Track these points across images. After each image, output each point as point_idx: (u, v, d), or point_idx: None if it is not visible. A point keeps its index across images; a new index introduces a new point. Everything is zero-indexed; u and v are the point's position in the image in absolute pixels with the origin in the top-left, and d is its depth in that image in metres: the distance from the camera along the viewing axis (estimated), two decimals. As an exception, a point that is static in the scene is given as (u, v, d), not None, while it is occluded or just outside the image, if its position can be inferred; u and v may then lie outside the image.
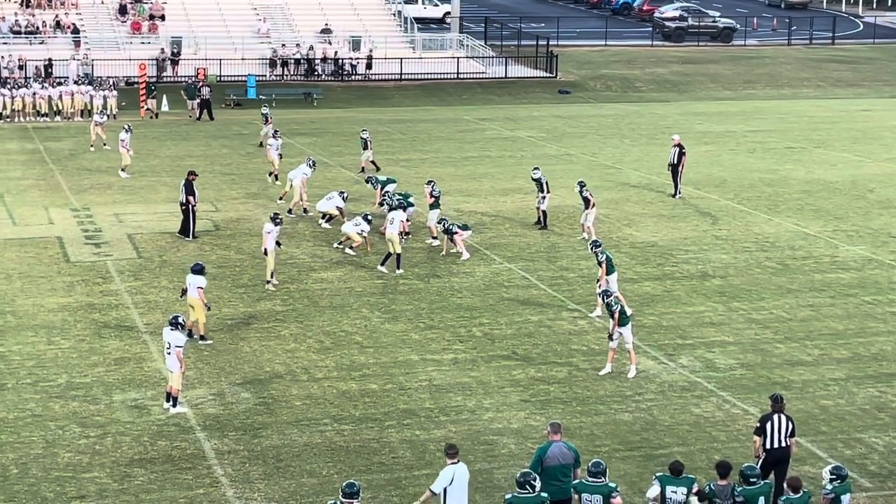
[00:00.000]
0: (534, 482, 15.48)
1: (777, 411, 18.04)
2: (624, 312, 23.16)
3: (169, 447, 20.13)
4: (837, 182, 42.35)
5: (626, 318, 23.25)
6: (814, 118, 58.73)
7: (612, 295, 23.61)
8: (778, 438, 17.85)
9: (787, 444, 17.92)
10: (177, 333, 21.53)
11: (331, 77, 67.67)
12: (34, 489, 18.63)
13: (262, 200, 38.04)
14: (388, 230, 30.53)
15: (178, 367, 21.48)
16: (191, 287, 25.01)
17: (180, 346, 21.44)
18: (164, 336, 21.68)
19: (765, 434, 17.88)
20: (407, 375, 23.48)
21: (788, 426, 17.96)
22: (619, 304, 23.18)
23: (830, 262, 31.84)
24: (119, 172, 41.83)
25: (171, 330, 21.53)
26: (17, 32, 65.85)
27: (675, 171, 39.14)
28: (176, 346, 21.41)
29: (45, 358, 24.19)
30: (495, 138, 51.19)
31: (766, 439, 17.87)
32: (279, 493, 18.63)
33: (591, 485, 15.87)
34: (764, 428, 17.91)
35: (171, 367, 21.60)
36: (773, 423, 17.91)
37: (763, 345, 25.48)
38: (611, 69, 73.84)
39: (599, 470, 15.92)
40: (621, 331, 23.20)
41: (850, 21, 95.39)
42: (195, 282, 24.97)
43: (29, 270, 30.26)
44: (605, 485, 15.91)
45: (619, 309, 23.07)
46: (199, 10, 69.85)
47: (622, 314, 23.09)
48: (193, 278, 25.00)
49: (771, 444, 17.85)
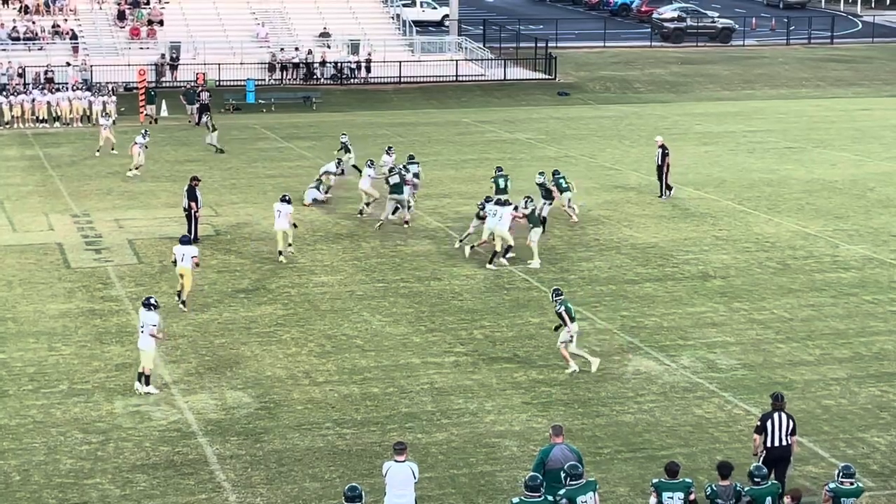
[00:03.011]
0: (542, 487, 15.44)
1: (778, 409, 18.03)
2: (570, 311, 23.29)
3: (171, 452, 20.12)
4: (837, 181, 42.35)
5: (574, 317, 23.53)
6: (813, 118, 58.74)
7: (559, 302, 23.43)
8: (778, 437, 17.84)
9: (787, 442, 17.90)
10: (152, 314, 22.59)
11: (330, 81, 67.71)
12: (36, 496, 18.62)
13: (262, 205, 38.03)
14: (498, 226, 30.43)
15: (152, 347, 22.49)
16: (185, 258, 26.84)
17: (155, 325, 22.51)
18: (140, 317, 22.76)
19: (765, 432, 17.88)
20: (408, 378, 23.47)
21: (789, 424, 17.95)
22: (565, 304, 23.27)
23: (831, 262, 31.83)
24: (127, 172, 41.93)
25: (147, 311, 22.62)
26: (15, 39, 65.89)
27: (660, 173, 39.30)
28: (151, 325, 22.46)
29: (46, 364, 24.18)
30: (494, 141, 51.20)
31: (766, 438, 17.87)
32: (281, 497, 18.61)
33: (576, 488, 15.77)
34: (764, 426, 17.90)
35: (144, 347, 22.51)
36: (774, 422, 17.90)
37: (764, 345, 25.47)
38: (609, 70, 73.87)
39: (578, 472, 15.86)
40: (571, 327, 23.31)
41: (848, 20, 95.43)
42: (188, 252, 26.88)
43: (29, 277, 30.26)
44: (588, 482, 15.90)
45: (565, 308, 23.17)
46: (198, 15, 69.88)
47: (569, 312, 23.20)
48: (186, 248, 26.96)
49: (771, 442, 17.84)
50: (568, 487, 15.81)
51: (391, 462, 16.60)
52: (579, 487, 15.78)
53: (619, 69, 74.25)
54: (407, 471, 16.51)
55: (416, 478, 16.59)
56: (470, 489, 18.88)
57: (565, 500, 15.64)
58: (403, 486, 16.49)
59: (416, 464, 16.89)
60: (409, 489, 16.53)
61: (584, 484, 15.84)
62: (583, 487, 15.80)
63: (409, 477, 16.51)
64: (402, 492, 16.48)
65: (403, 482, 16.49)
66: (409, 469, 16.53)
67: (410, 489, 16.55)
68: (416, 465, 16.82)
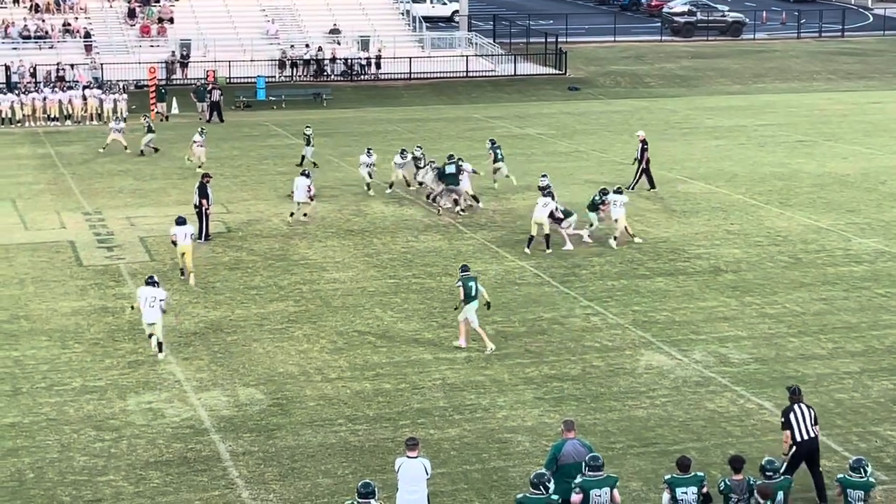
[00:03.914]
0: (548, 483, 15.42)
1: (797, 402, 17.96)
2: (469, 292, 24.10)
3: (184, 449, 20.16)
4: (849, 175, 42.24)
5: (472, 298, 24.20)
6: (824, 111, 58.57)
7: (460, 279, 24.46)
8: (805, 429, 17.71)
9: (815, 433, 17.80)
10: (158, 289, 24.50)
11: (340, 77, 67.74)
12: (50, 493, 18.68)
13: (273, 202, 38.07)
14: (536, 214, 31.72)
15: (160, 318, 24.31)
16: (185, 237, 28.89)
17: (164, 299, 24.46)
18: (147, 293, 24.31)
19: (791, 427, 17.78)
20: (420, 374, 23.49)
21: (811, 414, 17.87)
22: (464, 282, 24.14)
23: (843, 255, 31.76)
24: (197, 170, 41.49)
25: (154, 287, 24.44)
26: (26, 37, 66.02)
27: (638, 167, 39.32)
28: (160, 299, 24.34)
29: (59, 362, 24.25)
30: (505, 136, 51.13)
31: (793, 432, 17.76)
32: (294, 493, 18.64)
33: (593, 480, 15.77)
34: (789, 421, 17.76)
35: (153, 319, 24.27)
36: (797, 414, 17.79)
37: (777, 339, 25.43)
38: (620, 65, 73.78)
39: (598, 464, 15.89)
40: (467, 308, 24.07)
41: (859, 13, 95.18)
42: (187, 231, 28.97)
43: (42, 275, 30.33)
44: (609, 476, 15.92)
45: (462, 285, 24.12)
46: (208, 12, 69.96)
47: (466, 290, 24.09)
48: (185, 228, 28.90)
49: (800, 435, 17.70)
50: (585, 478, 15.79)
51: (403, 458, 16.61)
52: (597, 480, 15.76)
53: (629, 64, 74.16)
54: (419, 467, 16.52)
55: (428, 474, 16.60)
56: (482, 485, 18.89)
57: (579, 489, 15.62)
58: (416, 482, 16.50)
59: (429, 460, 16.91)
60: (422, 485, 16.55)
61: (604, 478, 15.83)
62: (601, 481, 15.77)
63: (421, 473, 16.52)
64: (414, 488, 16.49)
65: (416, 478, 16.50)
66: (422, 465, 16.55)
67: (423, 485, 16.56)
68: (429, 460, 16.84)
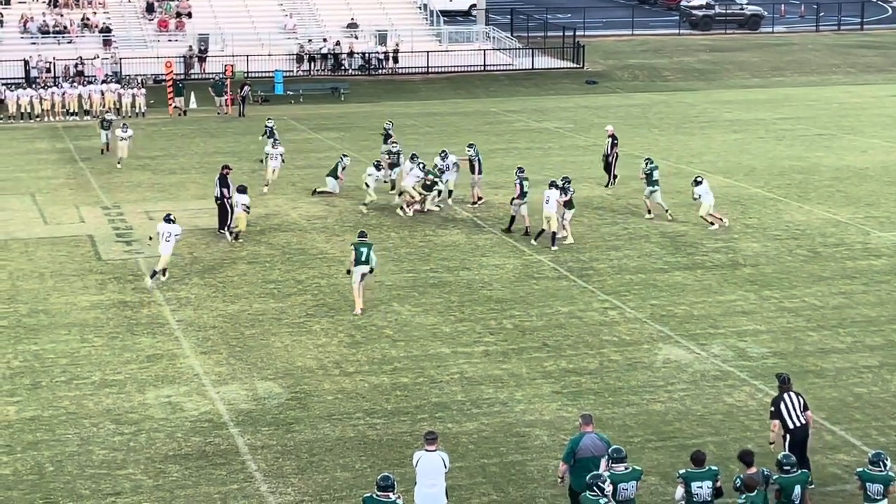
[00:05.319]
0: (603, 484, 15.30)
1: (786, 391, 18.02)
2: (360, 257, 26.18)
3: (202, 443, 20.23)
4: (868, 168, 42.09)
5: (362, 263, 26.43)
6: (843, 104, 58.38)
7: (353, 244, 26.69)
8: (796, 416, 17.83)
9: (804, 420, 17.89)
10: (175, 226, 28.15)
11: (358, 71, 67.79)
12: (70, 486, 18.76)
13: (291, 196, 38.13)
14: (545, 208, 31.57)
15: (169, 252, 28.07)
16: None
17: (179, 235, 28.10)
18: (164, 228, 27.96)
19: (781, 416, 17.83)
20: (438, 368, 23.51)
21: (801, 401, 17.95)
22: (356, 247, 26.30)
23: (862, 249, 31.66)
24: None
25: (171, 224, 28.10)
26: (45, 32, 66.23)
27: (606, 162, 39.24)
28: (175, 235, 27.99)
29: (78, 356, 24.34)
30: (523, 130, 51.15)
31: (784, 421, 17.81)
32: (313, 487, 18.69)
33: (620, 474, 15.79)
34: (779, 410, 17.86)
35: (165, 252, 28.07)
36: (787, 404, 17.88)
37: (795, 333, 25.37)
38: (638, 59, 73.63)
39: (622, 455, 15.90)
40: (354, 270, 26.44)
41: (878, 6, 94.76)
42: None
43: (61, 269, 30.44)
44: (634, 469, 15.93)
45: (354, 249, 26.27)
46: (226, 6, 70.09)
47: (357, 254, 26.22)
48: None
49: (792, 423, 17.79)
50: (612, 471, 15.81)
51: (422, 452, 16.63)
52: (625, 474, 15.78)
53: (647, 57, 74.00)
54: (438, 460, 16.54)
55: (446, 467, 16.63)
56: (500, 478, 18.91)
57: (609, 482, 15.60)
58: (434, 475, 16.52)
59: (447, 453, 16.92)
60: (440, 479, 16.57)
61: (631, 471, 15.86)
62: (628, 474, 15.81)
63: (439, 466, 16.54)
64: (432, 481, 16.51)
65: (434, 472, 16.53)
66: (440, 459, 16.57)
67: (441, 479, 16.58)
68: (447, 454, 16.86)
